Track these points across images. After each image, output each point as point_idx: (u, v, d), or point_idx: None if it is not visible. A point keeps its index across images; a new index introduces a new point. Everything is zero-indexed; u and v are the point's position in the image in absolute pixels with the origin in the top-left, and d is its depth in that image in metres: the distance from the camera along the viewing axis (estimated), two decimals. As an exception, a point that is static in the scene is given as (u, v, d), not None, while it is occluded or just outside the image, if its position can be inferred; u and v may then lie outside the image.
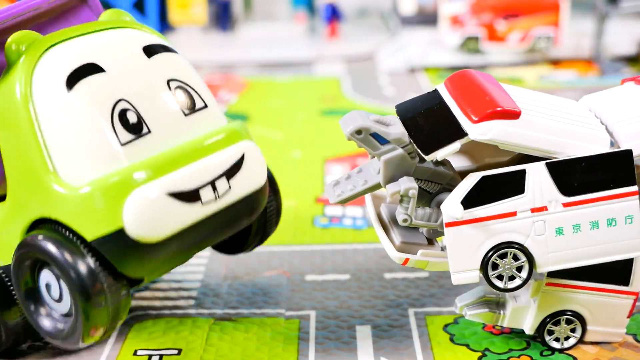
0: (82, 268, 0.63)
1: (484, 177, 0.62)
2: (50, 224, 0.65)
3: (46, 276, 0.67)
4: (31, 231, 0.66)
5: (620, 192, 0.63)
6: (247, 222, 0.74)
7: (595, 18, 1.84)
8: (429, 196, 0.66)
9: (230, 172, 0.69)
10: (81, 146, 0.64)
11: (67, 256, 0.63)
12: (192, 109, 0.70)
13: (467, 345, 0.73)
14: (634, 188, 0.63)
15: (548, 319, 0.71)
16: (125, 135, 0.65)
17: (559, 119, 0.65)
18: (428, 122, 0.66)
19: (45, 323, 0.67)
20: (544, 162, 0.63)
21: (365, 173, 0.68)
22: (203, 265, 0.91)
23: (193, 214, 0.66)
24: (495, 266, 0.64)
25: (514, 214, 0.63)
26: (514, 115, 0.63)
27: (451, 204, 0.62)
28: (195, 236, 0.67)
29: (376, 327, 0.77)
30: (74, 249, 0.63)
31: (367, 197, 0.72)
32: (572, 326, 0.71)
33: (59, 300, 0.67)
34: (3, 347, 0.71)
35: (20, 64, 0.66)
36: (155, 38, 0.72)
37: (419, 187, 0.65)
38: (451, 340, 0.75)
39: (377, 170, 0.66)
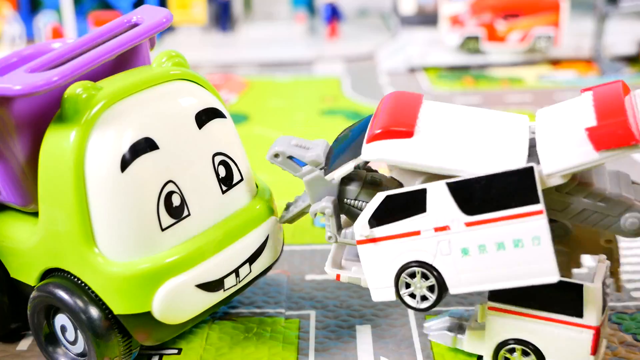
0: (94, 314, 0.65)
1: (387, 197, 0.63)
2: (65, 273, 0.67)
3: (61, 320, 0.69)
4: (47, 277, 0.69)
5: (524, 211, 0.59)
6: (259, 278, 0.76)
7: (595, 18, 1.84)
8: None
9: (254, 257, 0.71)
10: (125, 226, 0.64)
11: (80, 303, 0.65)
12: (230, 184, 0.71)
13: (467, 345, 0.73)
14: (539, 207, 0.59)
15: (501, 348, 0.67)
16: (167, 220, 0.65)
17: (469, 139, 0.64)
18: (345, 144, 0.69)
19: None
20: (444, 181, 0.61)
21: (304, 197, 0.74)
22: (203, 265, 0.91)
23: (214, 299, 0.69)
24: (408, 285, 0.65)
25: (417, 232, 0.62)
26: (404, 134, 0.63)
27: (359, 223, 0.64)
28: (210, 311, 0.70)
29: (376, 327, 0.77)
30: (87, 297, 0.66)
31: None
32: (529, 359, 0.66)
33: (74, 342, 0.69)
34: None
35: (76, 123, 0.63)
36: (208, 98, 0.71)
37: (350, 206, 0.68)
38: (451, 339, 0.74)
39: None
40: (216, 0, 2.33)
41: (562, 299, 0.64)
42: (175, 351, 0.74)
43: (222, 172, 0.70)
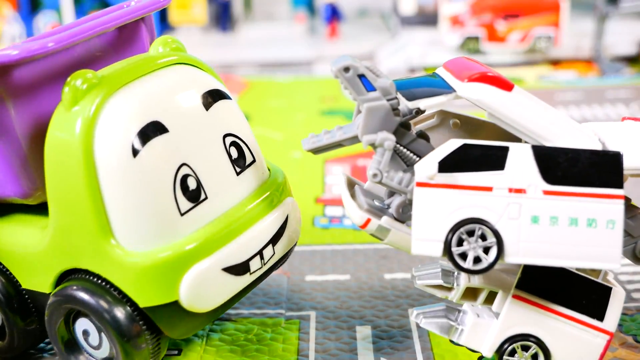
0: (120, 314, 0.64)
1: (464, 145, 0.60)
2: (82, 274, 0.65)
3: (83, 324, 0.67)
4: (63, 281, 0.67)
5: (606, 192, 0.59)
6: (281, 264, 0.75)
7: (595, 18, 1.84)
8: (404, 167, 0.64)
9: (276, 238, 0.70)
10: (143, 214, 0.63)
11: (104, 304, 0.64)
12: (243, 166, 0.70)
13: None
14: (621, 192, 0.59)
15: (508, 344, 0.64)
16: (185, 204, 0.64)
17: (552, 111, 0.64)
18: (413, 85, 0.66)
19: None
20: (530, 144, 0.60)
21: (345, 128, 0.67)
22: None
23: (242, 283, 0.67)
24: (460, 243, 0.61)
25: (489, 189, 0.60)
26: (506, 85, 0.62)
27: (425, 163, 0.60)
28: (237, 297, 0.69)
29: (376, 327, 0.77)
30: (110, 297, 0.64)
31: (342, 177, 0.70)
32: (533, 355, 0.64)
33: (98, 347, 0.68)
34: (16, 352, 0.72)
35: (80, 114, 0.62)
36: (211, 80, 0.70)
37: (395, 152, 0.63)
38: (451, 341, 0.74)
39: (358, 125, 0.64)
40: (216, 0, 2.33)
41: (586, 299, 0.64)
42: (175, 351, 0.74)
43: (235, 153, 0.69)
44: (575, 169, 0.60)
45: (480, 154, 0.60)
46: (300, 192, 1.12)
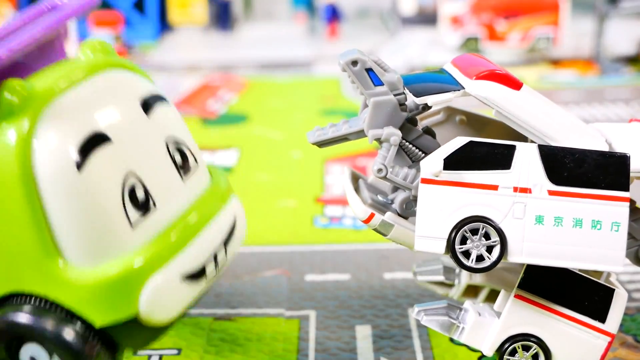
0: (69, 335, 0.60)
1: (471, 142, 0.60)
2: (24, 297, 0.61)
3: (29, 351, 0.62)
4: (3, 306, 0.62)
5: (611, 194, 0.59)
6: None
7: (595, 18, 1.84)
8: (409, 163, 0.64)
9: (227, 239, 0.67)
10: (93, 229, 0.59)
11: (49, 325, 0.60)
12: (187, 170, 0.67)
13: (467, 346, 0.73)
14: (627, 194, 0.59)
15: (509, 344, 0.64)
16: (135, 216, 0.61)
17: (559, 111, 0.64)
18: (427, 78, 0.65)
19: None
20: (537, 144, 0.60)
21: (351, 122, 0.66)
22: (203, 265, 0.91)
23: (198, 289, 0.65)
24: (463, 241, 0.60)
25: (495, 187, 0.60)
26: (515, 83, 0.61)
27: (431, 159, 0.60)
28: (192, 304, 0.66)
29: (376, 327, 0.77)
30: (55, 316, 0.60)
31: (346, 171, 0.70)
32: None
33: None
34: None
35: (13, 130, 0.58)
36: (147, 85, 0.67)
37: (401, 147, 0.63)
38: (451, 340, 0.74)
39: (364, 120, 0.64)
40: (216, 0, 2.33)
41: (589, 300, 0.63)
42: (175, 351, 0.74)
43: (178, 158, 0.66)
44: (582, 169, 0.59)
45: (487, 152, 0.60)
46: (300, 192, 1.12)
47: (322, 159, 1.25)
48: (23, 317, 0.60)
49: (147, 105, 0.65)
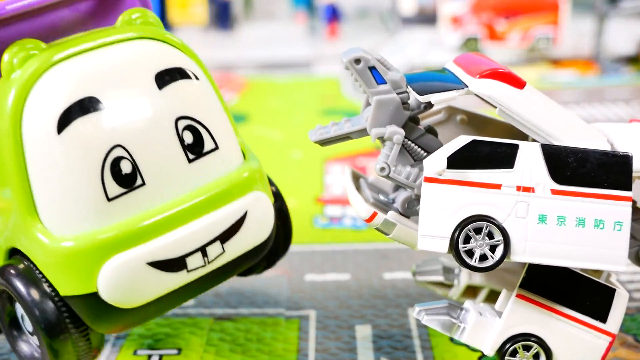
0: (48, 308, 0.60)
1: (474, 141, 0.60)
2: (21, 255, 0.62)
3: (20, 307, 0.64)
4: (10, 258, 0.63)
5: (614, 194, 0.59)
6: (249, 265, 0.70)
7: (595, 18, 1.84)
8: (411, 162, 0.63)
9: (226, 235, 0.64)
10: (66, 196, 0.59)
11: (34, 294, 0.60)
12: (199, 153, 0.64)
13: (467, 345, 0.73)
14: (629, 194, 0.59)
15: (510, 344, 0.63)
16: (115, 189, 0.59)
17: (562, 110, 0.64)
18: (430, 76, 0.65)
19: (24, 349, 0.65)
20: (540, 143, 0.60)
21: (353, 120, 0.66)
22: (203, 265, 0.91)
23: (176, 281, 0.62)
24: (466, 240, 0.60)
25: (498, 186, 0.60)
26: (518, 82, 0.61)
27: (434, 158, 0.59)
28: (178, 297, 0.64)
29: (376, 327, 0.77)
30: (41, 288, 0.60)
31: (347, 171, 0.70)
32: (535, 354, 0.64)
33: (32, 334, 0.64)
34: None
35: (13, 84, 0.59)
36: (176, 59, 0.65)
37: (403, 146, 0.62)
38: (451, 340, 0.74)
39: (366, 118, 0.63)
40: (216, 0, 2.33)
41: (590, 300, 0.63)
42: (175, 351, 0.74)
43: (189, 138, 0.63)
44: (584, 169, 0.60)
45: (490, 151, 0.60)
46: (300, 192, 1.12)
47: (322, 159, 1.25)
48: (14, 279, 0.61)
49: (164, 79, 0.63)
